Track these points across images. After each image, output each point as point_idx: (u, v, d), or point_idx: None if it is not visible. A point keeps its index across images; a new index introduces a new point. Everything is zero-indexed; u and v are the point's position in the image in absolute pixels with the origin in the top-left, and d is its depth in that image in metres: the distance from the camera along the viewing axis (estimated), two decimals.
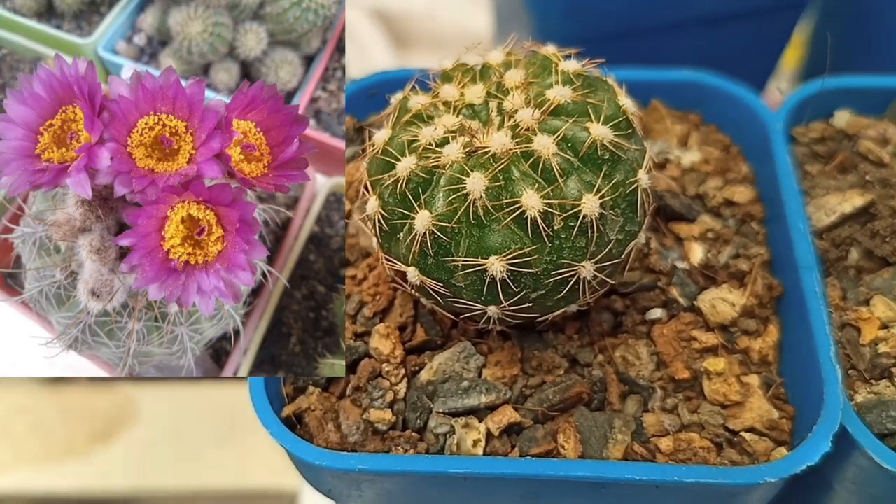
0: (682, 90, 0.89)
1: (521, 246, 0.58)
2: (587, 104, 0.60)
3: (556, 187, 0.57)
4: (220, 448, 1.06)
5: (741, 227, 0.80)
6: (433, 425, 0.67)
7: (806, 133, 0.87)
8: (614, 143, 0.59)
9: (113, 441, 1.09)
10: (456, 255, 0.59)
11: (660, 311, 0.73)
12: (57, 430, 1.09)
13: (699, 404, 0.69)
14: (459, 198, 0.57)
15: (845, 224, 0.78)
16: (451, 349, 0.70)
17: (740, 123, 0.87)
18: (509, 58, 0.65)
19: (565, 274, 0.59)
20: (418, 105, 0.64)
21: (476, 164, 0.58)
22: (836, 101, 0.88)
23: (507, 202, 0.57)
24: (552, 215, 0.57)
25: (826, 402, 0.64)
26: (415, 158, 0.60)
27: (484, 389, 0.67)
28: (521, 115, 0.60)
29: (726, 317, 0.72)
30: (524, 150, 0.58)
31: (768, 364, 0.71)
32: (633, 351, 0.71)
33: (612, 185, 0.59)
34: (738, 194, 0.81)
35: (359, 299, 0.75)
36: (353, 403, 0.69)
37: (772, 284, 0.74)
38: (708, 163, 0.85)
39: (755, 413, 0.67)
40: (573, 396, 0.67)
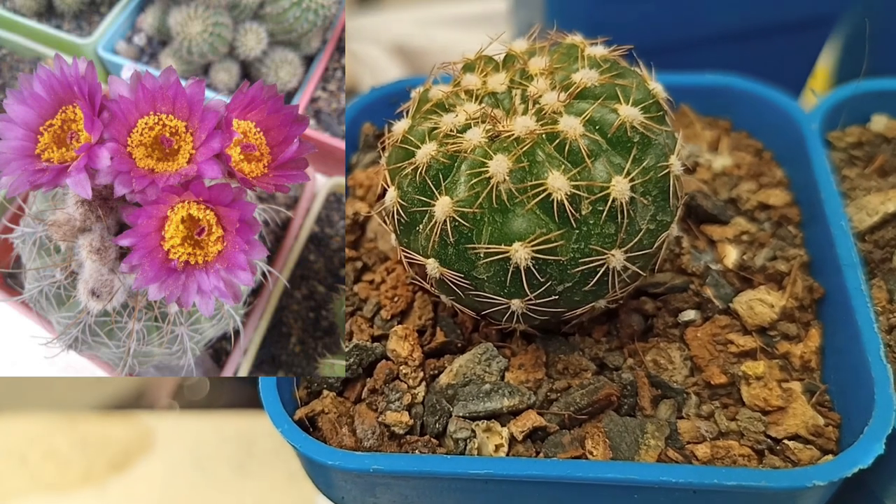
0: (712, 95, 0.87)
1: (547, 231, 0.54)
2: (615, 86, 0.57)
3: (583, 169, 0.54)
4: (237, 478, 1.06)
5: (777, 230, 0.77)
6: (453, 429, 0.63)
7: (842, 137, 0.84)
8: (644, 124, 0.56)
9: (129, 470, 1.09)
10: (478, 242, 0.56)
11: (693, 312, 0.70)
12: (73, 458, 1.09)
13: (738, 411, 0.64)
14: (482, 182, 0.54)
15: (888, 225, 0.75)
16: (472, 351, 0.67)
17: (773, 127, 0.84)
18: (533, 46, 0.63)
19: (594, 263, 0.56)
20: (439, 94, 0.61)
21: (499, 147, 0.55)
22: (871, 106, 0.85)
23: (532, 185, 0.54)
24: (580, 199, 0.54)
25: (878, 402, 0.59)
26: (435, 145, 0.57)
27: (507, 392, 0.63)
28: (546, 99, 0.57)
29: (765, 319, 0.68)
30: (549, 133, 0.55)
31: (811, 370, 0.67)
32: (665, 355, 0.67)
33: (643, 169, 0.56)
34: (773, 197, 0.78)
35: (376, 302, 0.73)
36: (368, 407, 0.66)
37: (812, 286, 0.71)
38: (740, 167, 0.82)
39: (799, 419, 0.63)
40: (602, 399, 0.63)
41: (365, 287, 0.75)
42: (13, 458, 1.09)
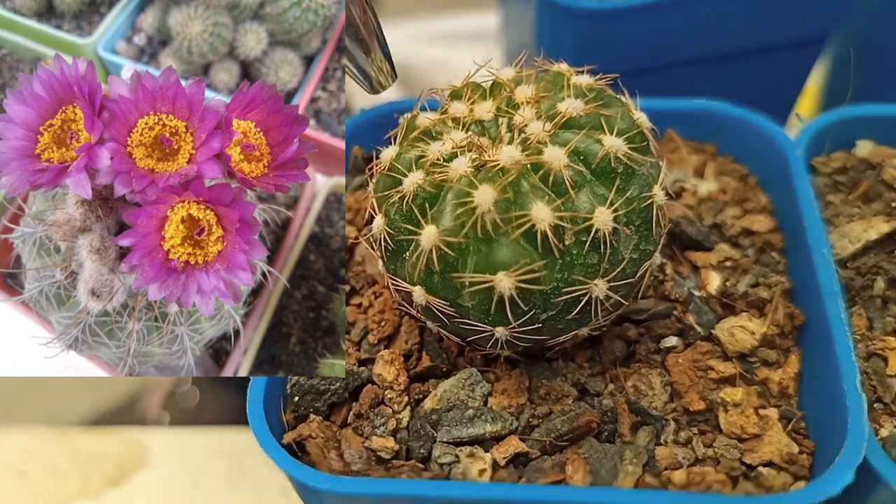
0: (698, 120, 0.87)
1: (531, 261, 0.55)
2: (600, 116, 0.58)
3: (567, 200, 0.55)
4: (230, 491, 1.06)
5: (760, 257, 0.77)
6: (437, 454, 0.64)
7: (827, 163, 0.84)
8: (628, 155, 0.56)
9: (125, 484, 1.09)
10: (463, 271, 0.56)
11: (675, 339, 0.70)
12: (71, 473, 1.09)
13: (714, 437, 0.65)
14: (467, 212, 0.55)
15: (870, 252, 0.75)
16: (456, 376, 0.67)
17: (758, 153, 0.84)
18: (520, 74, 0.63)
19: (577, 292, 0.56)
20: (426, 122, 0.62)
21: (485, 177, 0.56)
22: (856, 132, 0.85)
23: (517, 216, 0.54)
24: (563, 229, 0.55)
25: (851, 431, 0.60)
26: (422, 174, 0.58)
27: (489, 418, 0.64)
28: (531, 129, 0.57)
29: (745, 345, 0.69)
30: (534, 163, 0.55)
31: (788, 397, 0.68)
32: (645, 380, 0.68)
33: (626, 200, 0.56)
34: (757, 223, 0.79)
35: (364, 326, 0.73)
36: (354, 432, 0.66)
37: (794, 313, 0.72)
38: (725, 192, 0.83)
39: (774, 447, 0.64)
40: (582, 426, 0.64)
41: (353, 311, 0.76)
42: (12, 473, 1.10)
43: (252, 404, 0.65)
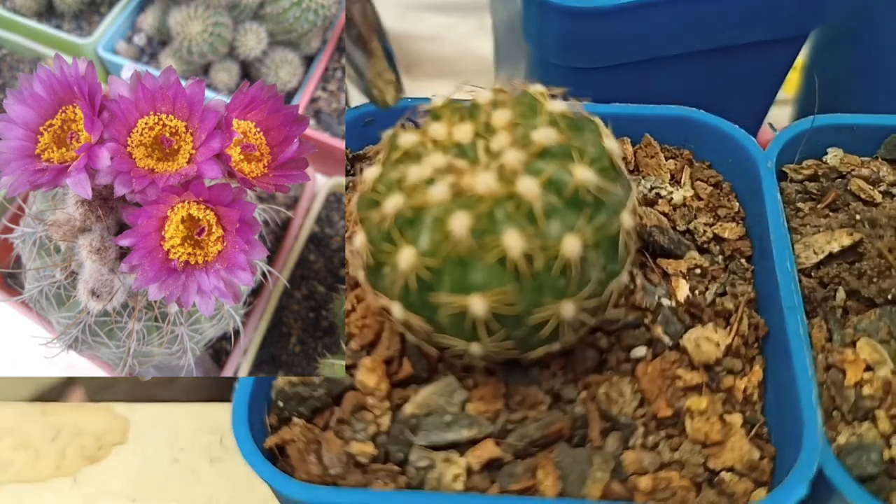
0: (674, 126, 0.89)
1: (503, 285, 0.57)
2: (571, 147, 0.60)
3: (537, 228, 0.57)
4: (212, 468, 1.06)
5: (729, 264, 0.80)
6: (414, 458, 0.66)
7: (798, 170, 0.87)
8: (597, 186, 0.58)
9: (103, 461, 1.08)
10: (439, 291, 0.58)
11: (644, 349, 0.73)
12: (45, 450, 1.08)
13: (681, 442, 0.68)
14: (444, 237, 0.57)
15: (833, 263, 0.78)
16: (435, 384, 0.69)
17: (731, 160, 0.86)
18: (497, 97, 0.65)
19: (546, 313, 0.59)
20: (408, 143, 0.63)
21: (462, 204, 0.58)
22: (829, 139, 0.88)
23: (490, 242, 0.57)
24: (533, 256, 0.57)
25: (804, 445, 0.62)
26: (402, 197, 0.60)
27: (466, 424, 0.67)
28: (506, 157, 0.59)
29: (710, 356, 0.71)
30: (509, 193, 0.58)
31: (752, 403, 0.71)
32: (616, 388, 0.70)
33: (595, 227, 0.58)
34: (727, 231, 0.81)
35: (347, 332, 0.74)
36: (335, 435, 0.68)
37: (758, 324, 0.74)
38: (700, 198, 0.85)
39: (736, 453, 0.66)
40: (554, 433, 0.66)
41: None
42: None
43: (237, 408, 0.66)
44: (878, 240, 0.77)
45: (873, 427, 0.68)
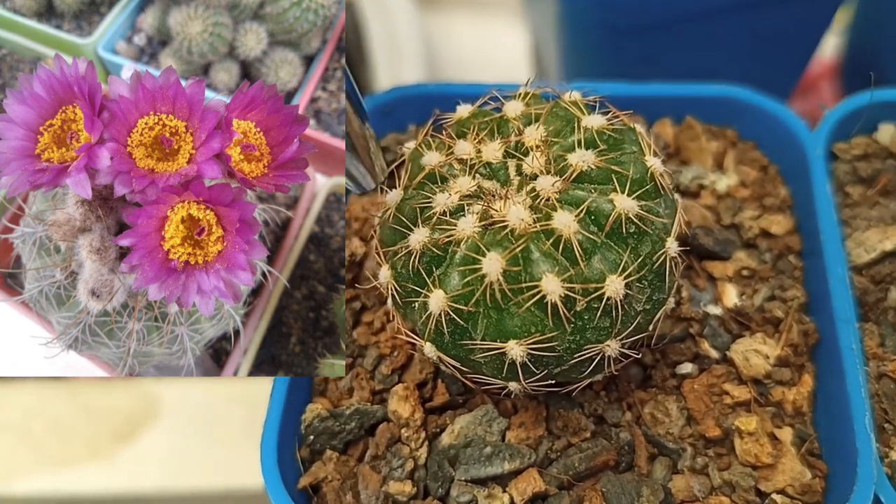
0: (718, 105, 0.85)
1: (542, 329, 0.54)
2: (611, 171, 0.56)
3: (577, 268, 0.53)
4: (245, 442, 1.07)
5: (777, 262, 0.76)
6: (455, 494, 0.63)
7: (848, 150, 0.83)
8: (640, 216, 0.54)
9: (135, 440, 1.08)
10: (473, 336, 0.55)
11: (690, 366, 0.70)
12: (78, 430, 1.07)
13: (730, 462, 0.65)
14: (476, 279, 0.54)
15: (886, 261, 0.75)
16: (472, 413, 0.67)
17: (778, 142, 0.82)
18: (529, 109, 0.60)
19: (589, 353, 0.56)
20: (432, 163, 0.60)
21: (492, 241, 0.54)
22: (880, 115, 0.83)
23: (527, 286, 0.53)
24: (574, 299, 0.53)
25: (859, 477, 0.60)
26: (427, 231, 0.56)
27: (507, 455, 0.64)
28: (541, 184, 0.55)
29: (759, 371, 0.68)
30: (544, 228, 0.54)
31: (802, 415, 0.68)
32: (662, 408, 0.67)
33: (639, 261, 0.55)
34: (774, 225, 0.77)
35: (377, 353, 0.72)
36: (372, 469, 0.66)
37: (808, 331, 0.71)
38: (745, 185, 0.81)
39: (787, 475, 0.64)
40: (599, 465, 0.64)
41: (364, 332, 0.74)
42: (16, 432, 1.07)
43: (265, 448, 0.65)
44: None
45: None
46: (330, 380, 0.73)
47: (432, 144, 0.62)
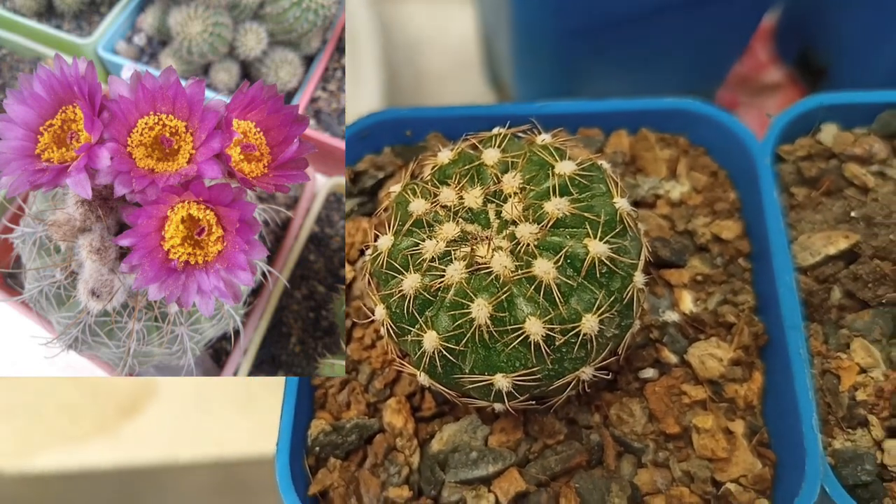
0: (670, 117, 0.89)
1: (526, 364, 0.59)
2: (584, 217, 0.61)
3: (557, 311, 0.59)
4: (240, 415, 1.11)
5: (728, 266, 0.81)
6: (446, 495, 0.70)
7: (793, 151, 0.87)
8: (611, 258, 0.60)
9: (139, 415, 1.13)
10: (463, 370, 0.61)
11: (651, 370, 0.75)
12: (85, 408, 1.13)
13: (689, 455, 0.71)
14: (466, 322, 0.59)
15: (829, 263, 0.79)
16: (459, 422, 0.73)
17: (727, 150, 0.87)
18: (505, 156, 0.65)
19: (566, 379, 0.61)
20: (419, 210, 0.64)
21: (479, 286, 0.59)
22: (823, 116, 0.88)
23: (512, 328, 0.59)
24: (554, 337, 0.59)
25: (807, 474, 0.66)
26: (419, 277, 0.61)
27: (491, 459, 0.70)
28: (520, 231, 0.60)
29: (714, 373, 0.74)
30: (526, 275, 0.59)
31: (753, 409, 0.73)
32: (626, 409, 0.73)
33: (611, 298, 0.60)
34: (725, 230, 0.82)
35: (370, 369, 0.77)
36: (372, 475, 0.72)
37: (758, 332, 0.76)
38: (697, 191, 0.86)
39: (740, 467, 0.70)
40: (573, 465, 0.70)
41: (357, 348, 0.79)
42: (30, 413, 1.12)
43: (280, 463, 0.70)
44: (874, 238, 0.78)
45: (867, 433, 0.71)
46: (330, 394, 0.78)
47: (417, 191, 0.66)
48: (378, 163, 0.89)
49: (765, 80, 1.38)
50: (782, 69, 1.36)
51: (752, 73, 1.38)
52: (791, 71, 1.35)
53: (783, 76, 1.36)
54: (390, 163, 0.89)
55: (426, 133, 0.90)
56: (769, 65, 1.37)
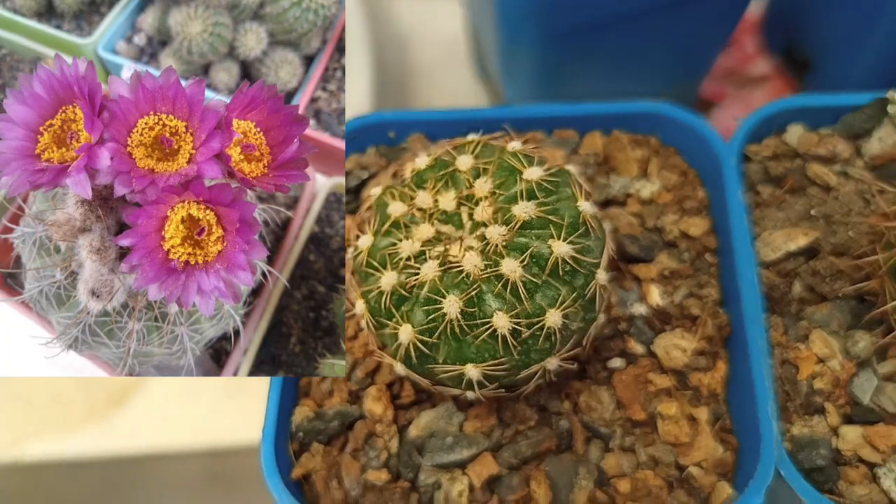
0: (642, 119, 0.92)
1: (494, 355, 0.64)
2: (548, 220, 0.65)
3: (522, 307, 0.63)
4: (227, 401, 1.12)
5: (695, 262, 0.84)
6: (423, 478, 0.74)
7: (759, 151, 0.90)
8: (574, 257, 0.64)
9: (127, 404, 1.14)
10: (437, 360, 0.65)
11: (619, 360, 0.79)
12: (76, 397, 1.14)
13: (654, 440, 0.75)
14: (438, 317, 0.63)
15: (790, 258, 0.83)
16: (435, 409, 0.77)
17: (696, 151, 0.90)
18: (477, 163, 0.69)
19: (533, 369, 0.66)
20: (397, 213, 0.69)
21: (451, 283, 0.64)
22: (790, 117, 0.91)
23: (481, 322, 0.63)
24: (520, 331, 0.63)
25: (762, 458, 0.70)
26: (395, 274, 0.66)
27: (466, 444, 0.74)
28: (490, 233, 0.65)
29: (679, 362, 0.77)
30: (495, 273, 0.64)
31: (716, 396, 0.77)
32: (595, 397, 0.77)
33: (574, 294, 0.64)
34: (693, 227, 0.85)
35: (352, 359, 0.81)
36: (353, 459, 0.76)
37: (721, 324, 0.79)
38: (667, 190, 0.89)
39: (703, 451, 0.74)
40: (543, 450, 0.74)
41: None
42: (22, 403, 1.13)
43: (265, 449, 0.73)
44: (832, 235, 0.82)
45: (823, 420, 0.75)
46: (314, 383, 0.82)
47: (396, 194, 0.71)
48: (363, 163, 0.93)
49: (752, 72, 1.39)
50: (769, 61, 1.38)
51: (739, 65, 1.38)
52: (778, 63, 1.35)
53: (770, 68, 1.38)
54: (374, 163, 0.93)
55: (408, 134, 0.94)
56: (756, 57, 1.38)
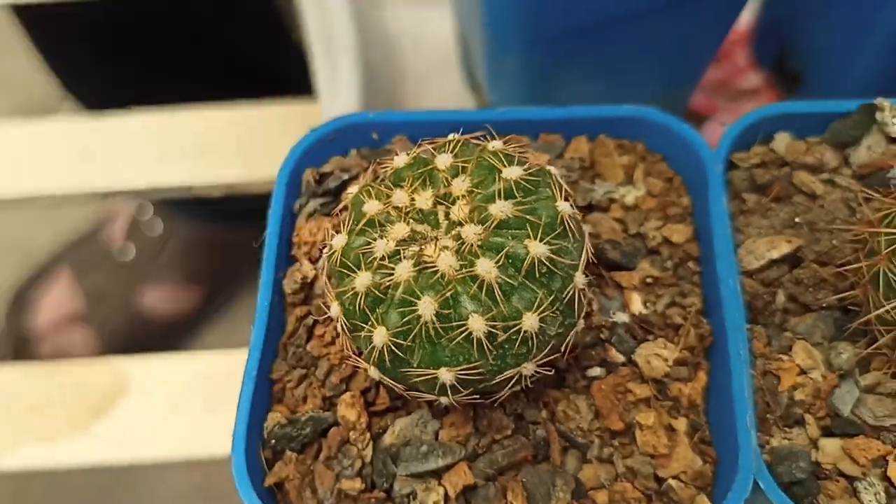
0: (628, 124, 0.91)
1: (469, 359, 0.62)
2: (525, 220, 0.64)
3: (498, 309, 0.62)
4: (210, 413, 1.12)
5: (678, 269, 0.83)
6: (398, 487, 0.72)
7: (746, 158, 0.89)
8: (551, 258, 0.63)
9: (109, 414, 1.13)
10: (411, 364, 0.64)
11: (599, 369, 0.77)
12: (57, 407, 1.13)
13: (632, 451, 0.74)
14: (413, 318, 0.62)
15: (773, 267, 0.82)
16: (410, 416, 0.76)
17: (682, 157, 0.89)
18: (456, 161, 0.68)
19: (509, 374, 0.65)
20: (372, 211, 0.67)
21: (425, 284, 0.62)
22: (777, 125, 0.90)
23: (456, 324, 0.62)
24: (495, 334, 0.62)
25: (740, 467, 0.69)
26: (370, 275, 0.64)
27: (441, 453, 0.73)
28: (465, 232, 0.63)
29: (659, 372, 0.76)
30: (470, 274, 0.62)
31: (696, 407, 0.76)
32: (573, 406, 0.75)
33: (551, 297, 0.63)
34: (675, 234, 0.84)
35: (328, 365, 0.79)
36: (326, 468, 0.74)
37: (703, 333, 0.78)
38: (652, 196, 0.88)
39: (681, 463, 0.72)
40: (519, 460, 0.73)
41: (317, 345, 0.81)
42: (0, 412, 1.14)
43: (236, 455, 0.72)
44: (816, 244, 0.81)
45: (803, 432, 0.74)
46: (288, 388, 0.80)
47: (372, 192, 0.69)
48: (344, 165, 0.90)
49: (743, 84, 1.38)
50: (760, 74, 1.37)
51: (730, 77, 1.39)
52: (768, 76, 1.35)
53: (761, 81, 1.37)
54: (356, 165, 0.90)
55: (392, 136, 0.92)
56: (747, 69, 1.38)
